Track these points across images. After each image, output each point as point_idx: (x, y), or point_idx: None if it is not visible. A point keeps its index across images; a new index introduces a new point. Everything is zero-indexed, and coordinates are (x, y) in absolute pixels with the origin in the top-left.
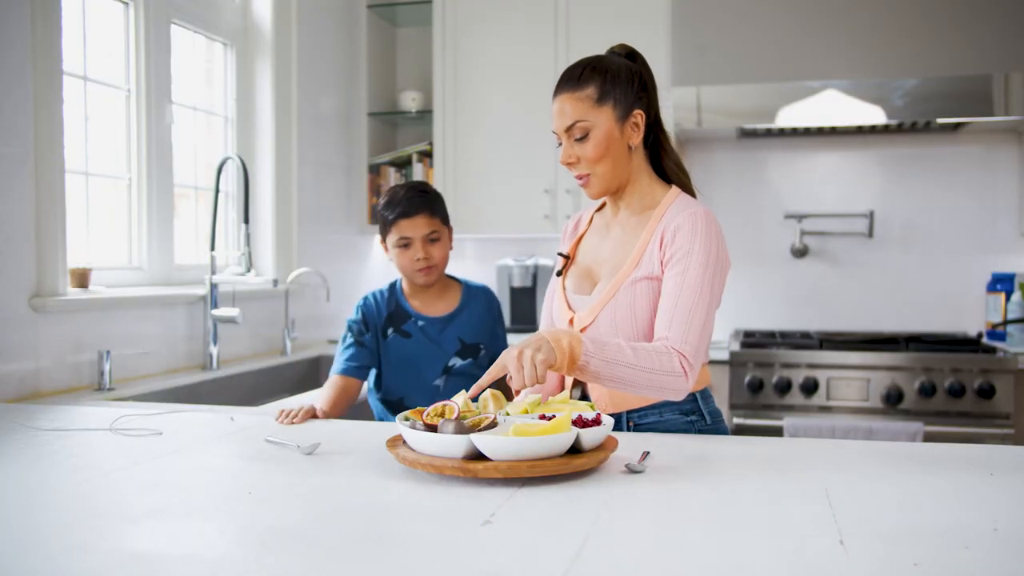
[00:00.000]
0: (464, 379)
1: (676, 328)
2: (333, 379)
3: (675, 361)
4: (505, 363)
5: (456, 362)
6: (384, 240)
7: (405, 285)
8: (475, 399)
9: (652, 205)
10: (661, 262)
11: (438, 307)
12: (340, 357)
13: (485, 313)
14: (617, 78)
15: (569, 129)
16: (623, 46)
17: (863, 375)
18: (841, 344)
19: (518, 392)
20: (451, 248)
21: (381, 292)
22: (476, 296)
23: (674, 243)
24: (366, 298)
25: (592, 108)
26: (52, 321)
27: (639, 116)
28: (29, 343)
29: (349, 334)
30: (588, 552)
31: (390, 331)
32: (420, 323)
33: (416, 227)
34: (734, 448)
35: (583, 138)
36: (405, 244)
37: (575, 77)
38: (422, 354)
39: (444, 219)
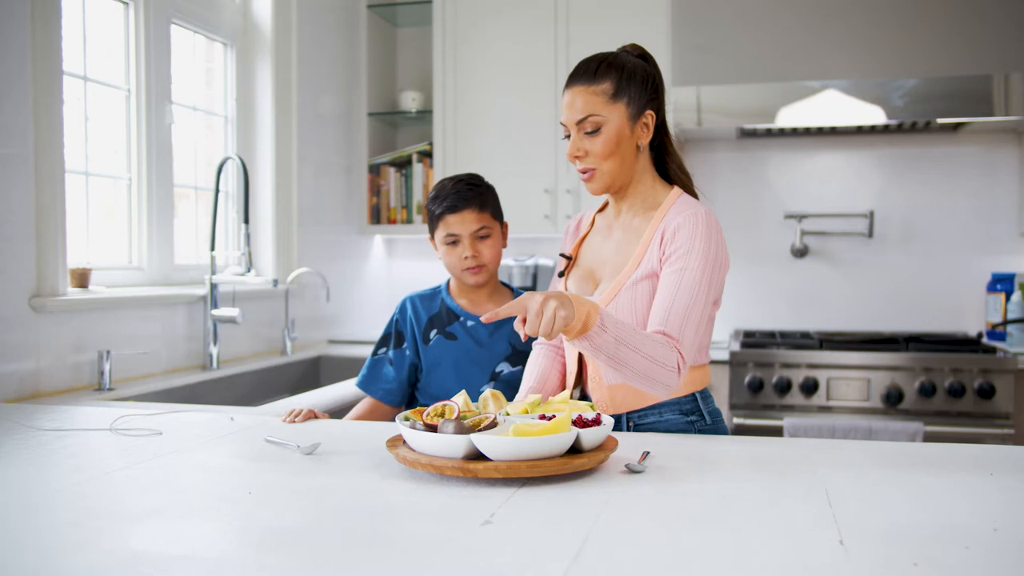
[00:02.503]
0: (511, 388)
1: (673, 324)
2: (368, 403)
3: (673, 355)
4: (526, 306)
5: (505, 368)
6: (432, 236)
7: (453, 284)
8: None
9: (654, 206)
10: (660, 260)
11: (488, 308)
12: (375, 375)
13: None
14: (633, 77)
15: (580, 122)
16: (635, 46)
17: (863, 375)
18: (841, 344)
19: (527, 337)
20: (505, 246)
21: (422, 295)
22: None
23: (674, 241)
24: (403, 304)
25: (606, 103)
26: (52, 321)
27: (650, 117)
28: (29, 343)
29: (384, 348)
30: (588, 552)
31: (433, 334)
32: (469, 323)
33: (464, 223)
34: (734, 448)
35: (594, 132)
36: (453, 241)
37: (591, 71)
38: (468, 357)
39: (496, 214)
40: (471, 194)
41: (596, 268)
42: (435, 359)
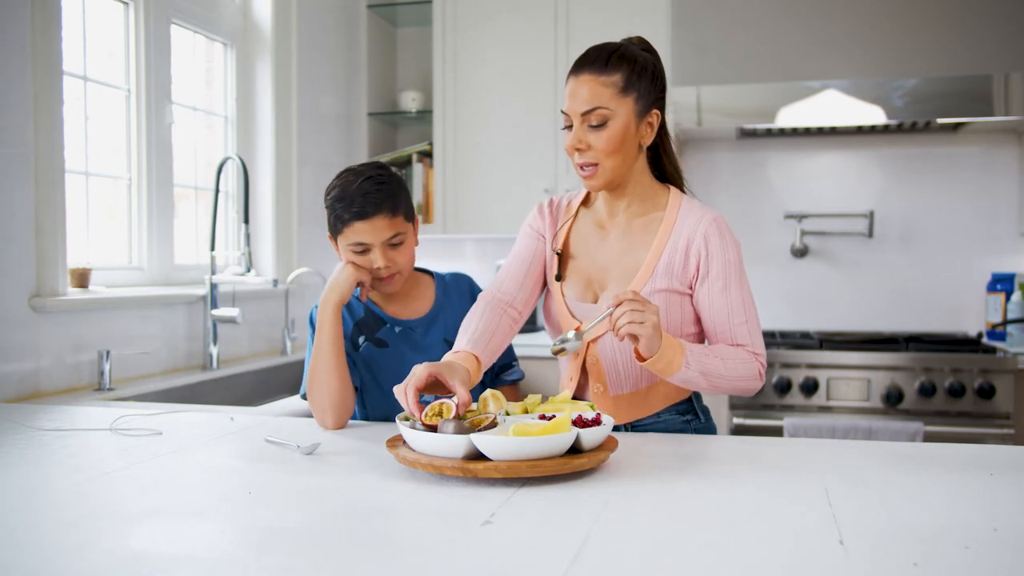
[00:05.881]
0: None
1: (743, 337)
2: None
3: (755, 367)
4: (623, 304)
5: None
6: (334, 237)
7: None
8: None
9: (655, 207)
10: (695, 275)
11: (414, 308)
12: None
13: (469, 304)
14: (644, 72)
15: (586, 114)
16: (640, 39)
17: (863, 375)
18: (841, 344)
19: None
20: (417, 244)
21: None
22: (454, 286)
23: (706, 250)
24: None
25: (615, 96)
26: (52, 321)
27: (655, 117)
28: (29, 343)
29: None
30: (588, 552)
31: (361, 340)
32: (397, 329)
33: (375, 231)
34: (734, 448)
35: (600, 126)
36: (362, 251)
37: (602, 60)
38: (404, 365)
39: (408, 214)
40: (381, 196)
41: (597, 275)
42: (366, 369)
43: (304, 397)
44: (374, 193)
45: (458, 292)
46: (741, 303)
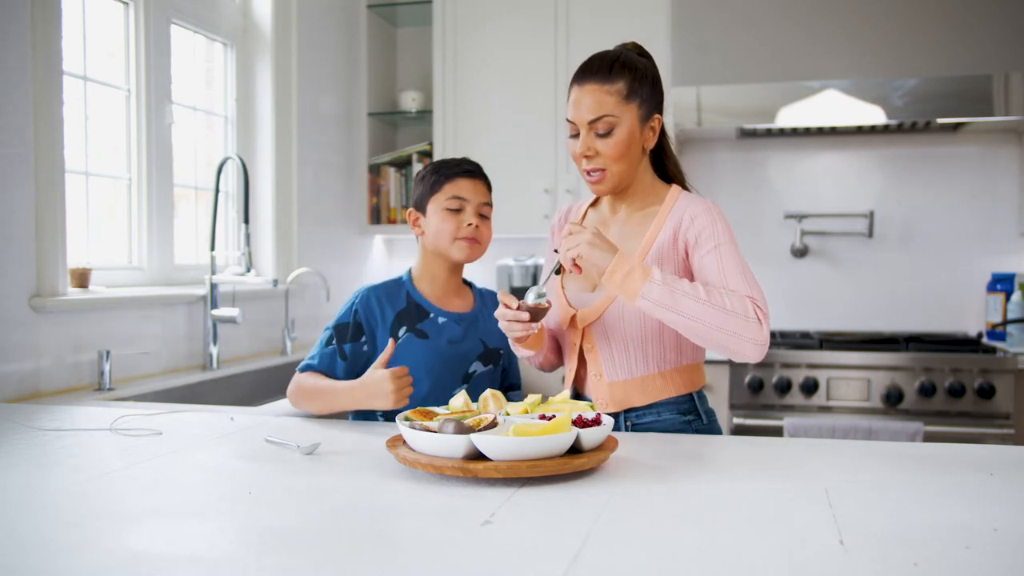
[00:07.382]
0: (484, 389)
1: (738, 284)
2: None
3: (749, 306)
4: (570, 234)
5: (478, 368)
6: (422, 206)
7: (417, 273)
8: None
9: (655, 202)
10: (685, 251)
11: (458, 304)
12: (322, 368)
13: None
14: (645, 79)
15: (593, 122)
16: (635, 44)
17: (863, 375)
18: (841, 344)
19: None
20: None
21: (385, 286)
22: (490, 298)
23: (694, 226)
24: (365, 296)
25: (620, 104)
26: (52, 321)
27: (657, 121)
28: (29, 343)
29: (337, 340)
30: (588, 552)
31: (403, 331)
32: (441, 320)
33: (476, 191)
34: (734, 448)
35: (606, 134)
36: (458, 207)
37: (605, 69)
38: (441, 358)
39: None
40: (480, 170)
41: None
42: (404, 360)
43: (301, 371)
44: (475, 165)
45: (493, 303)
46: (734, 261)
